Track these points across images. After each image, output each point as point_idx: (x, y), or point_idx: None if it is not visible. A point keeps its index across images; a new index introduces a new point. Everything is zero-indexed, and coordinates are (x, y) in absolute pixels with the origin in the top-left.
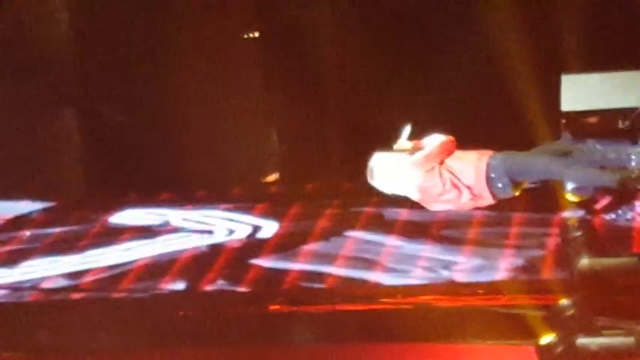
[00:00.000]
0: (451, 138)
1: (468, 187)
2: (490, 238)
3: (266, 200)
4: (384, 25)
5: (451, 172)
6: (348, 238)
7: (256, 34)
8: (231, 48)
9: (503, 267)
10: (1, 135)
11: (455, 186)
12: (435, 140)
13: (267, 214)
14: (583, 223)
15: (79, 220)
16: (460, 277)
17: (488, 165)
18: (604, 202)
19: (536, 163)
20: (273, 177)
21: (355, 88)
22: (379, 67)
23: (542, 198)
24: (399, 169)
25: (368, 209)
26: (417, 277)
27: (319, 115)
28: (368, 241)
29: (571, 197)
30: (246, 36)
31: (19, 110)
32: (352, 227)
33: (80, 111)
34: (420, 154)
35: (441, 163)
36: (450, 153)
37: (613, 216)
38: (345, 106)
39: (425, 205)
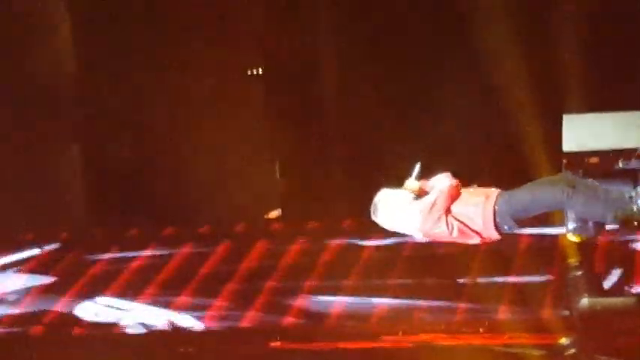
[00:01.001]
0: (456, 183)
1: (476, 232)
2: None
3: (268, 237)
4: (387, 62)
5: (458, 220)
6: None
7: (260, 71)
8: (235, 84)
9: (504, 306)
10: (7, 171)
11: (462, 232)
12: (440, 185)
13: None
14: (583, 264)
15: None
16: (460, 317)
17: (494, 212)
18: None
19: (539, 198)
20: (275, 213)
21: (358, 124)
22: (382, 105)
23: (544, 238)
24: (403, 209)
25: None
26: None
27: (322, 153)
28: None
29: (572, 237)
30: (250, 72)
31: (25, 147)
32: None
33: (86, 148)
34: (426, 205)
35: (448, 210)
36: (455, 199)
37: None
38: (348, 143)
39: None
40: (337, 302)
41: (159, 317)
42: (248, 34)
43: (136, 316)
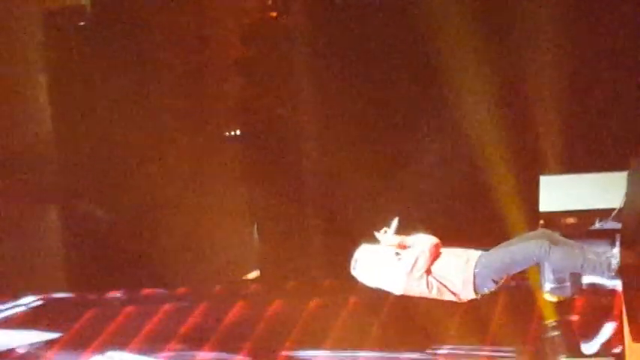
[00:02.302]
0: (436, 242)
1: (454, 293)
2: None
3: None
4: (364, 123)
5: (438, 281)
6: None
7: (237, 132)
8: (213, 146)
9: None
10: None
11: (441, 291)
12: (422, 245)
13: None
14: (560, 324)
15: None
16: None
17: (474, 275)
18: None
19: (517, 255)
20: (253, 274)
21: (336, 185)
22: (359, 165)
23: (521, 297)
24: (383, 266)
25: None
26: None
27: (299, 213)
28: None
29: (549, 297)
30: (227, 134)
31: (1, 207)
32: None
33: (62, 208)
34: (407, 264)
35: (428, 270)
36: (435, 258)
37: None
38: (326, 204)
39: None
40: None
41: None
42: (226, 95)
43: None
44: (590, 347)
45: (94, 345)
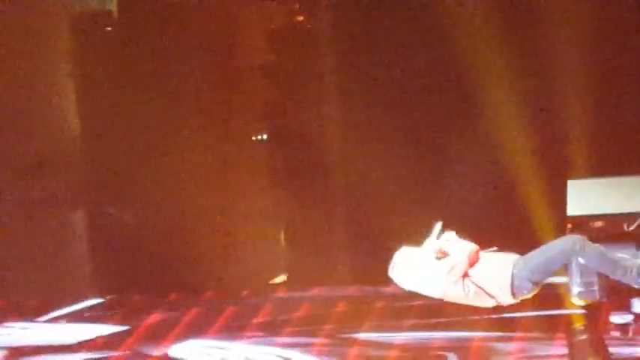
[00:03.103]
0: (475, 248)
1: (492, 296)
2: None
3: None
4: (392, 126)
5: (475, 284)
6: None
7: (264, 137)
8: (241, 150)
9: None
10: (9, 235)
11: (478, 295)
12: (461, 250)
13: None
14: (589, 327)
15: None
16: None
17: (512, 277)
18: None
19: (552, 254)
20: (280, 279)
21: (364, 189)
22: (387, 169)
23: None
24: (422, 270)
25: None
26: None
27: (327, 218)
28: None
29: (577, 301)
30: (255, 138)
31: (27, 211)
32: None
33: (90, 212)
34: (445, 268)
35: (465, 274)
36: (474, 264)
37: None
38: (354, 208)
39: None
40: None
41: None
42: (253, 101)
43: None
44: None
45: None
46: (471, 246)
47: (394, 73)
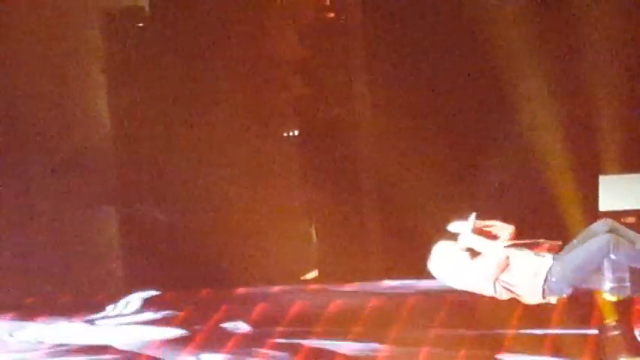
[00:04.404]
0: (504, 258)
1: (521, 297)
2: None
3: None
4: (424, 121)
5: (506, 288)
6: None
7: (296, 133)
8: (272, 146)
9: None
10: (41, 232)
11: (508, 295)
12: (493, 256)
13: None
14: (621, 323)
15: None
16: None
17: (545, 282)
18: None
19: (589, 252)
20: (311, 275)
21: (395, 185)
22: (420, 166)
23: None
24: (456, 268)
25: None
26: None
27: (358, 213)
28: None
29: (609, 297)
30: (286, 135)
31: (59, 208)
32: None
33: (121, 209)
34: (476, 271)
35: (496, 278)
36: (503, 270)
37: None
38: (385, 204)
39: None
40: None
41: None
42: (284, 96)
43: None
44: None
45: None
46: (503, 253)
47: (426, 67)
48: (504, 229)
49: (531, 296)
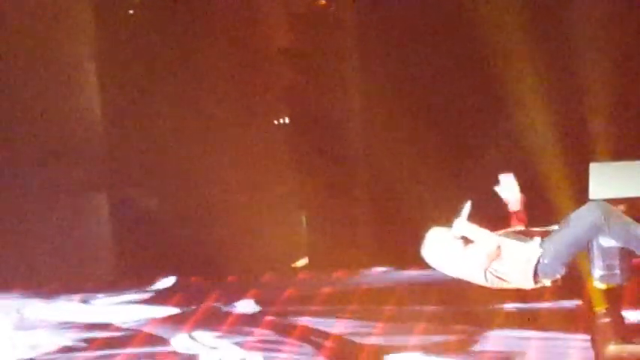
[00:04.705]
0: (496, 247)
1: (513, 284)
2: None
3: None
4: (415, 109)
5: (497, 277)
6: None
7: (287, 120)
8: (262, 135)
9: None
10: (31, 220)
11: (500, 284)
12: (484, 246)
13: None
14: (610, 311)
15: None
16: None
17: (537, 267)
18: None
19: (579, 231)
20: (302, 262)
21: (385, 174)
22: (409, 152)
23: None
24: (449, 255)
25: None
26: None
27: (348, 200)
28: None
29: (599, 284)
30: (276, 122)
31: (49, 195)
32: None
33: (111, 196)
34: (467, 260)
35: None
36: (494, 260)
37: None
38: (375, 191)
39: None
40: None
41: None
42: (275, 85)
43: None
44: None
45: None
46: (494, 242)
47: (418, 57)
48: None
49: (523, 283)
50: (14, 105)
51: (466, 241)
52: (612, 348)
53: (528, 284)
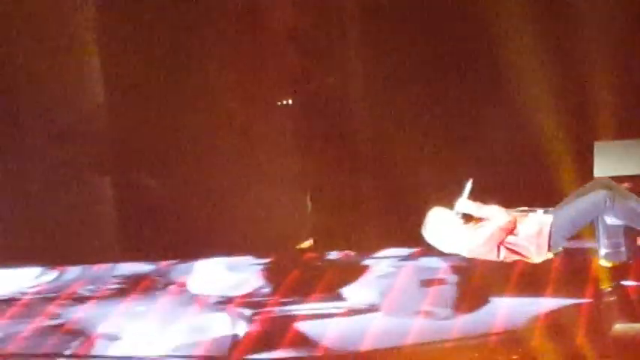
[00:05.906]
0: (512, 219)
1: (526, 258)
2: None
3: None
4: (419, 92)
5: (511, 250)
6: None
7: (290, 101)
8: (265, 115)
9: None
10: (35, 201)
11: (511, 257)
12: (498, 221)
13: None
14: (616, 289)
15: None
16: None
17: (550, 236)
18: None
19: (586, 207)
20: (307, 244)
21: (390, 154)
22: (415, 135)
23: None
24: (451, 233)
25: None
26: None
27: (353, 181)
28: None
29: (604, 263)
30: (280, 103)
31: (53, 177)
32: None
33: (114, 178)
34: (481, 237)
35: (501, 242)
36: (510, 233)
37: None
38: (380, 171)
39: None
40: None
41: None
42: (278, 66)
43: None
44: None
45: None
46: (508, 217)
47: (421, 37)
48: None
49: (537, 255)
50: (20, 86)
51: (466, 219)
52: (619, 326)
53: (542, 257)
